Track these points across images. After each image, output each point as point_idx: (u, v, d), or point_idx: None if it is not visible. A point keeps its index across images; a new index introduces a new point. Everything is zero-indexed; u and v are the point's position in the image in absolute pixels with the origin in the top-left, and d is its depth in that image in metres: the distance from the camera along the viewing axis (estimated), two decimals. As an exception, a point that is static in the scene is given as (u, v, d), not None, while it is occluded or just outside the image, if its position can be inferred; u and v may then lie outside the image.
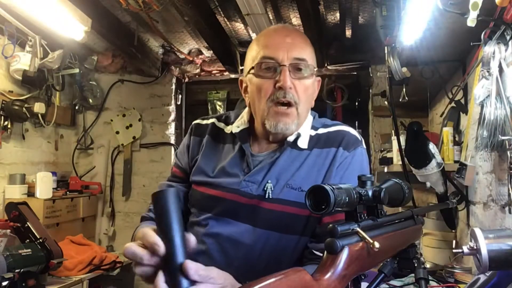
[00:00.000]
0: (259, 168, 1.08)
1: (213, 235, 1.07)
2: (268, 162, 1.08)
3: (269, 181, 1.05)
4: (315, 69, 1.11)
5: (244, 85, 1.17)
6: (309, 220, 1.03)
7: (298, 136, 1.09)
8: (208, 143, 1.18)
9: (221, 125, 1.21)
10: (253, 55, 1.11)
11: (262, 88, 1.06)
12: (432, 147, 1.96)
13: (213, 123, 1.22)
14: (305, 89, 1.07)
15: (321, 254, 0.67)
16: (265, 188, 1.05)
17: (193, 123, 1.26)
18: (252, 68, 1.09)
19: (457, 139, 2.14)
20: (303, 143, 1.09)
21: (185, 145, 1.22)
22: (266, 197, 1.04)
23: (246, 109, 1.18)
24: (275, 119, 1.05)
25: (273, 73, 1.05)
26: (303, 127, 1.11)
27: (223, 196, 1.07)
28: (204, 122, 1.24)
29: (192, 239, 0.76)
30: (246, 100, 1.16)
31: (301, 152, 1.09)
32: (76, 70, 3.20)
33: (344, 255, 0.62)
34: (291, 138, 1.09)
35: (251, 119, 1.15)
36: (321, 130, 1.13)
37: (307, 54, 1.09)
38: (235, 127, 1.15)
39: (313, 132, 1.12)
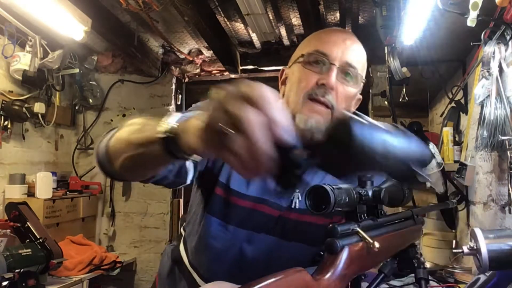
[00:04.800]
0: None
1: (237, 249, 1.01)
2: None
3: (297, 191, 1.00)
4: (362, 83, 1.04)
5: (284, 77, 1.08)
6: None
7: None
8: None
9: None
10: (306, 46, 1.04)
11: (304, 79, 0.98)
12: (432, 147, 1.96)
13: None
14: (346, 96, 1.00)
15: None
16: (292, 198, 1.00)
17: None
18: (302, 56, 1.01)
19: (457, 139, 2.14)
20: None
21: None
22: (293, 207, 0.99)
23: None
24: (307, 114, 0.96)
25: (320, 68, 0.98)
26: None
27: (251, 207, 1.00)
28: None
29: None
30: (280, 93, 1.07)
31: None
32: (76, 70, 3.20)
33: (344, 255, 0.62)
34: None
35: None
36: None
37: (360, 64, 1.02)
38: None
39: None
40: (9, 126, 2.73)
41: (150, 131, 0.65)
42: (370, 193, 0.71)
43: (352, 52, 1.00)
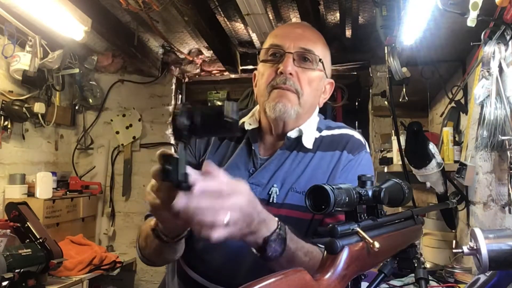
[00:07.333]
0: (264, 169, 1.05)
1: (217, 243, 1.04)
2: (274, 164, 1.06)
3: (275, 185, 1.03)
4: (325, 67, 1.09)
5: (256, 79, 1.15)
6: (312, 223, 1.02)
7: (301, 133, 1.07)
8: (216, 144, 1.14)
9: None
10: (264, 45, 1.12)
11: (265, 73, 1.07)
12: (432, 147, 1.96)
13: None
14: (309, 80, 1.06)
15: (323, 247, 0.66)
16: (270, 192, 1.03)
17: None
18: (261, 54, 1.10)
19: (457, 139, 2.14)
20: (308, 142, 1.07)
21: None
22: (271, 201, 1.02)
23: (258, 106, 1.15)
24: (274, 100, 1.03)
25: (278, 60, 1.06)
26: (307, 125, 1.09)
27: None
28: None
29: None
30: (255, 94, 1.15)
31: (306, 155, 1.07)
32: (76, 70, 3.20)
33: (344, 255, 0.62)
34: (292, 134, 1.07)
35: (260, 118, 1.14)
36: (325, 132, 1.12)
37: (316, 47, 1.07)
38: (247, 124, 1.12)
39: (317, 134, 1.11)
40: (9, 126, 2.73)
41: (147, 231, 0.87)
42: (370, 193, 0.71)
43: (304, 38, 1.08)
